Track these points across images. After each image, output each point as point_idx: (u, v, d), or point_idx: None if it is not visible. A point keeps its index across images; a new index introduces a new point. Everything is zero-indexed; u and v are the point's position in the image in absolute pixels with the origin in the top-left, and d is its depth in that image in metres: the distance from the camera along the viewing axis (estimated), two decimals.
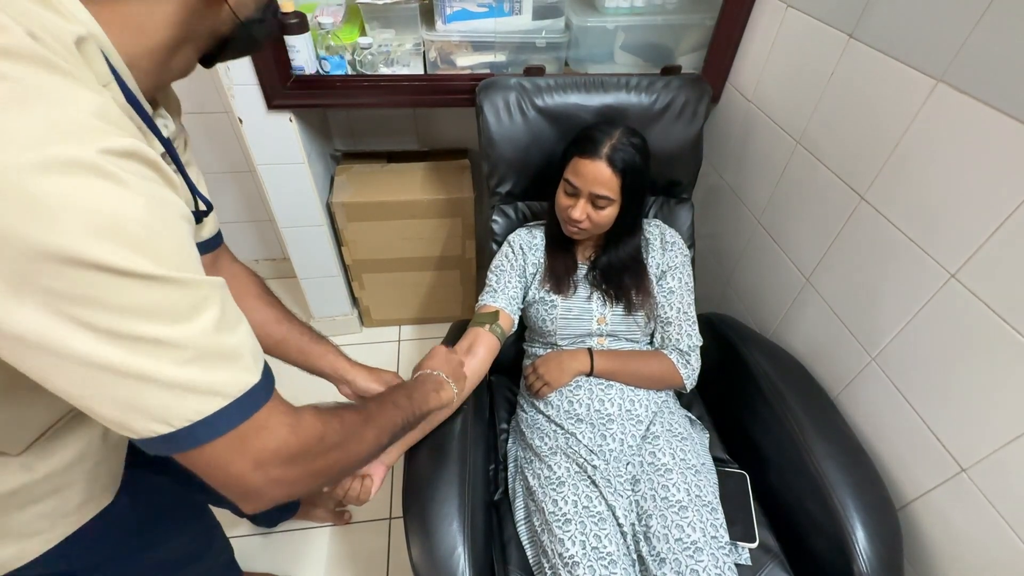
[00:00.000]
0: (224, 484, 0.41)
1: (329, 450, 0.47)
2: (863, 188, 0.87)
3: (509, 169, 1.11)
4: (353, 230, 1.49)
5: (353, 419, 0.53)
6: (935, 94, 0.73)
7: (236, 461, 0.40)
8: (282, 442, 0.42)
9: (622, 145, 0.88)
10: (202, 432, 0.38)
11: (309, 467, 0.45)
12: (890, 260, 0.83)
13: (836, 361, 0.96)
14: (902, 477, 0.84)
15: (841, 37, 0.89)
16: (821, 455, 0.84)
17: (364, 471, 0.76)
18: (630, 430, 0.90)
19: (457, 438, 0.87)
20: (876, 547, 0.76)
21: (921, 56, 0.75)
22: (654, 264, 1.01)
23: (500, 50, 1.21)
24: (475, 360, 0.90)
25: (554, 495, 0.83)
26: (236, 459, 0.40)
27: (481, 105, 1.07)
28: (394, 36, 1.20)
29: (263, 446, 0.41)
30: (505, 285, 0.99)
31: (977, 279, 0.69)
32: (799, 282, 1.05)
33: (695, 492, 0.83)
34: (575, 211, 0.91)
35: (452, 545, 0.75)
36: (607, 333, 0.99)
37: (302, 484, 0.45)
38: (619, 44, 1.25)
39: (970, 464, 0.72)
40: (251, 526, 1.30)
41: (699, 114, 1.10)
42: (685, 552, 0.76)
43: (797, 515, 0.88)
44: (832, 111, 0.93)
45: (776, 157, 1.10)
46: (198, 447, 0.38)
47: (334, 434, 0.48)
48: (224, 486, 0.41)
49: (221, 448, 0.39)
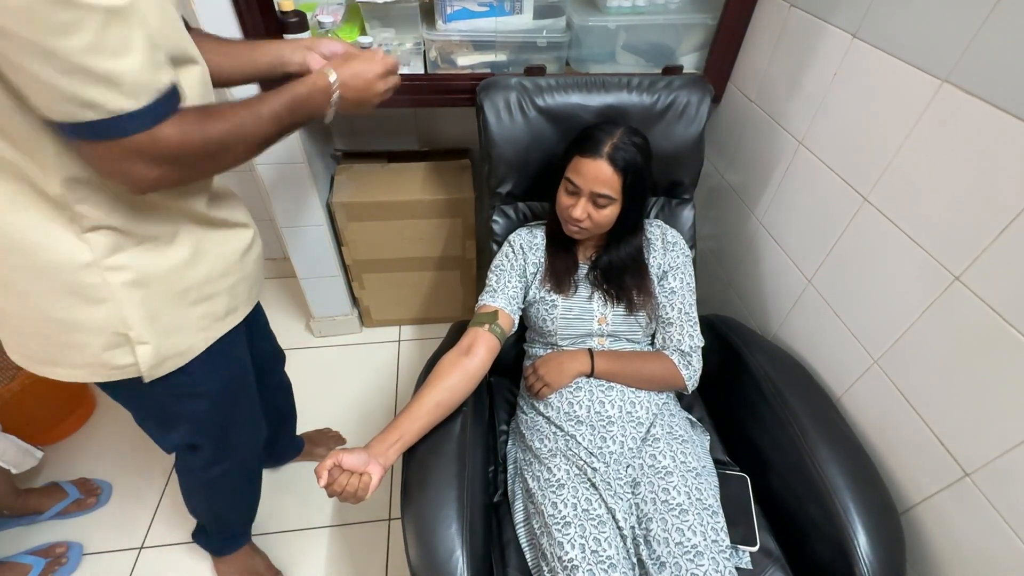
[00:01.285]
0: (108, 175, 0.54)
1: (207, 155, 0.58)
2: (866, 189, 0.86)
3: (509, 169, 1.11)
4: (353, 230, 1.49)
5: (231, 116, 0.59)
6: (940, 95, 0.72)
7: (113, 161, 0.52)
8: (153, 156, 0.53)
9: (623, 144, 0.88)
10: (85, 131, 0.49)
11: (187, 168, 0.58)
12: (893, 262, 0.82)
13: (838, 363, 0.96)
14: (905, 481, 0.83)
15: (845, 37, 0.89)
16: (823, 458, 0.84)
17: (362, 469, 0.74)
18: (630, 432, 0.89)
19: (456, 439, 0.86)
20: (878, 551, 0.75)
21: (926, 56, 0.74)
22: (655, 264, 1.01)
23: (501, 50, 1.21)
24: (475, 360, 0.89)
25: (553, 498, 0.83)
26: (113, 161, 0.52)
27: (482, 105, 1.06)
28: (394, 35, 1.19)
29: (133, 159, 0.52)
30: (505, 285, 0.99)
31: (982, 282, 0.68)
32: (801, 284, 1.04)
33: (696, 495, 0.82)
34: (576, 210, 0.91)
35: (450, 548, 0.74)
36: (608, 333, 0.98)
37: (179, 179, 0.59)
38: (621, 44, 1.25)
39: (974, 469, 0.71)
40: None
41: (701, 114, 1.10)
42: (685, 556, 0.75)
43: (798, 519, 0.87)
44: (836, 112, 0.92)
45: (778, 158, 1.09)
46: (84, 140, 0.50)
47: (207, 141, 0.57)
48: (108, 176, 0.55)
49: (102, 150, 0.50)
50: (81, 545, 1.25)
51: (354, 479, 0.73)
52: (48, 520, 1.28)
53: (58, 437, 1.45)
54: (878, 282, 0.86)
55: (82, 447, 1.45)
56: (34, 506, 1.25)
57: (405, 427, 0.81)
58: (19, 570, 1.16)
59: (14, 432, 1.11)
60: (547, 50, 1.21)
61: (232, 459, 0.95)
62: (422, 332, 1.82)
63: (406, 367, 1.70)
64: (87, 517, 1.31)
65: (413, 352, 1.75)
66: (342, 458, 0.73)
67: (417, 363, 1.71)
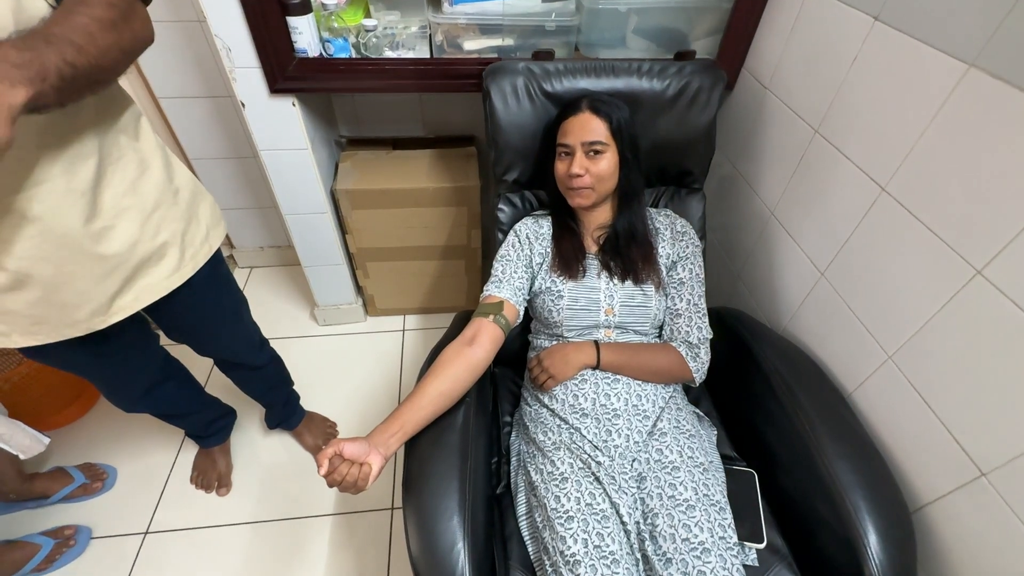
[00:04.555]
0: None
1: None
2: (884, 179, 0.83)
3: (516, 156, 1.09)
4: (357, 218, 1.47)
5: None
6: (966, 80, 0.69)
7: None
8: None
9: (602, 97, 0.95)
10: None
11: None
12: (912, 255, 0.79)
13: (850, 358, 0.93)
14: (917, 479, 0.81)
15: (866, 20, 0.85)
16: (833, 455, 0.82)
17: (363, 458, 0.73)
18: (636, 426, 0.88)
19: (459, 431, 0.85)
20: (888, 551, 0.73)
21: (952, 39, 0.71)
22: (664, 254, 0.99)
23: (508, 34, 1.18)
24: (479, 351, 0.88)
25: (556, 491, 0.82)
26: None
27: (488, 90, 1.04)
28: (399, 18, 1.17)
29: None
30: (511, 275, 0.97)
31: (1006, 276, 0.65)
32: (814, 276, 1.02)
33: (703, 491, 0.81)
34: (573, 166, 0.92)
35: (452, 540, 0.73)
36: (615, 325, 0.97)
37: None
38: (631, 28, 1.21)
39: (991, 468, 0.69)
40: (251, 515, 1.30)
41: (713, 101, 1.06)
42: (692, 552, 0.74)
43: (806, 516, 0.86)
44: (854, 98, 0.89)
45: (793, 146, 1.06)
46: None
47: None
48: None
49: None
50: (90, 529, 1.26)
51: (354, 469, 0.72)
52: (54, 504, 1.29)
53: (64, 422, 1.46)
54: (895, 275, 0.83)
55: (87, 432, 1.46)
56: (40, 490, 1.26)
57: (407, 417, 0.80)
58: (29, 549, 1.18)
59: (20, 417, 1.12)
60: (555, 34, 1.18)
61: None
62: (426, 322, 1.81)
63: (410, 357, 1.70)
64: (93, 501, 1.32)
65: (417, 342, 1.75)
66: (343, 447, 0.72)
67: (421, 353, 1.70)
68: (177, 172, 0.84)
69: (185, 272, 0.85)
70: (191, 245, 0.86)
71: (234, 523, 1.30)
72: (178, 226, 0.83)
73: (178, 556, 1.23)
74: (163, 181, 0.79)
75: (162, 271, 0.82)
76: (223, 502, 1.33)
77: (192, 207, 0.86)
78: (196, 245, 0.87)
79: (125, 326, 0.83)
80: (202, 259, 0.88)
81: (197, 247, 0.87)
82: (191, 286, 0.87)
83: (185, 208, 0.84)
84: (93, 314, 0.77)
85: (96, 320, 0.78)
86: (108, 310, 0.78)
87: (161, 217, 0.79)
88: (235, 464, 1.40)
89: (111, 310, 0.78)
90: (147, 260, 0.79)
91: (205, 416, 1.29)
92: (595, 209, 1.00)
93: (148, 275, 0.80)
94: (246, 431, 1.48)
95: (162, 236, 0.80)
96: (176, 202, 0.82)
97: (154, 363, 1.07)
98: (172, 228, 0.81)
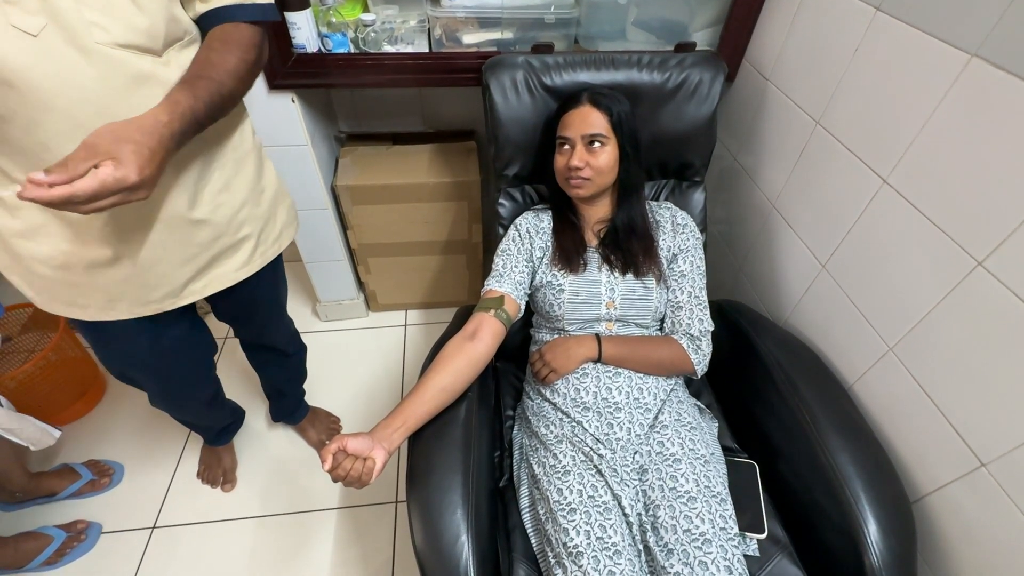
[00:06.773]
0: None
1: None
2: (886, 171, 0.83)
3: (516, 151, 1.08)
4: (358, 213, 1.47)
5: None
6: (968, 70, 0.68)
7: None
8: None
9: (602, 90, 0.95)
10: None
11: None
12: (913, 246, 0.79)
13: (851, 350, 0.94)
14: (917, 470, 0.82)
15: (868, 10, 0.85)
16: (834, 446, 0.82)
17: (366, 453, 0.74)
18: (638, 418, 0.88)
19: (462, 425, 0.86)
20: (889, 541, 0.74)
21: (954, 29, 0.70)
22: (665, 247, 0.99)
23: (507, 27, 1.17)
24: (480, 345, 0.88)
25: (559, 484, 0.82)
26: None
27: (488, 84, 1.04)
28: (398, 12, 1.16)
29: None
30: (511, 269, 0.97)
31: (1007, 267, 0.65)
32: (815, 268, 1.02)
33: (704, 483, 0.81)
34: (573, 159, 0.92)
35: (456, 533, 0.74)
36: (616, 318, 0.97)
37: None
38: (631, 20, 1.20)
39: (991, 459, 0.69)
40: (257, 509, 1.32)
41: (713, 93, 1.06)
42: (693, 544, 0.75)
43: (807, 507, 0.86)
44: (855, 89, 0.89)
45: (794, 138, 1.05)
46: None
47: None
48: None
49: None
50: (100, 524, 1.27)
51: (358, 464, 0.72)
52: (63, 501, 1.30)
53: (70, 419, 1.47)
54: (896, 267, 0.83)
55: (93, 429, 1.47)
56: (48, 488, 1.28)
57: (410, 412, 0.81)
58: (42, 540, 1.20)
59: (27, 413, 1.13)
60: (555, 27, 1.17)
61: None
62: (428, 316, 1.81)
63: (412, 351, 1.70)
64: (100, 497, 1.33)
65: (419, 336, 1.75)
66: (347, 442, 0.73)
67: (423, 347, 1.71)
68: (265, 172, 0.89)
69: (254, 266, 0.89)
70: (264, 242, 0.90)
71: (240, 517, 1.31)
72: (258, 223, 0.87)
73: (185, 550, 1.25)
74: (253, 180, 0.85)
75: (235, 263, 0.86)
76: (229, 497, 1.34)
77: (273, 207, 0.90)
78: (268, 243, 0.91)
79: (185, 330, 0.94)
80: (271, 256, 0.92)
81: (269, 244, 0.91)
82: (254, 279, 0.90)
83: (267, 207, 0.88)
84: (166, 296, 0.81)
85: (167, 302, 0.82)
86: (180, 293, 0.82)
87: (247, 214, 0.84)
88: (241, 459, 1.41)
89: (183, 294, 0.83)
90: (224, 251, 0.84)
91: (223, 421, 1.31)
92: (595, 203, 1.00)
93: (222, 265, 0.85)
94: (251, 427, 1.49)
95: (243, 231, 0.85)
96: (260, 201, 0.87)
97: (206, 372, 1.12)
98: (253, 225, 0.86)
